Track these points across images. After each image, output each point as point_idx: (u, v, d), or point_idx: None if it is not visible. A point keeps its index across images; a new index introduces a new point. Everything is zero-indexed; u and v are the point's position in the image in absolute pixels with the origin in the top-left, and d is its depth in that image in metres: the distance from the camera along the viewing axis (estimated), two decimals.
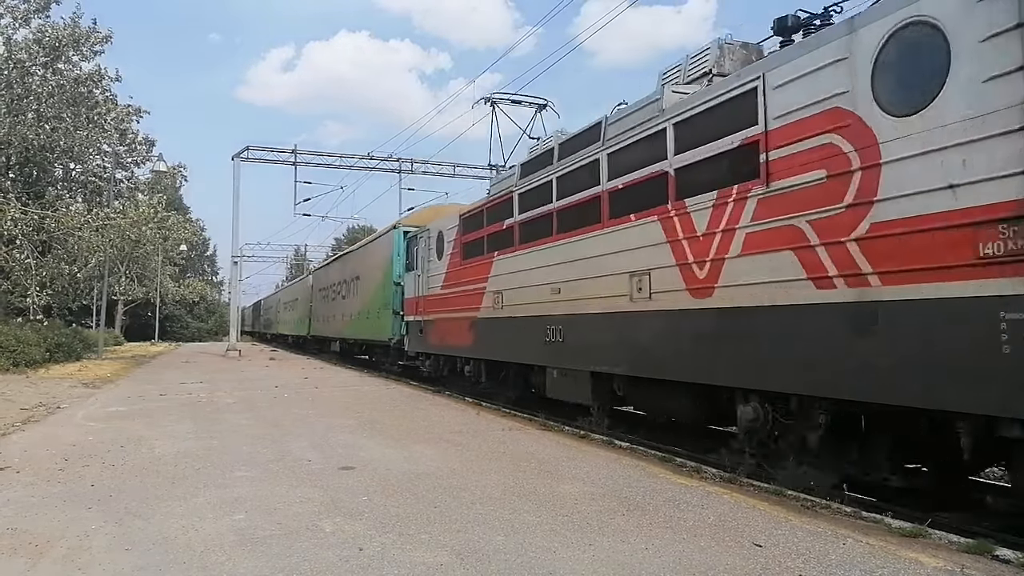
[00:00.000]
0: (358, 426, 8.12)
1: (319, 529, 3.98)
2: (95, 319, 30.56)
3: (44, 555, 3.57)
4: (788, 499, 4.84)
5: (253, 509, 4.40)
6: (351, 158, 27.25)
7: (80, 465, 5.75)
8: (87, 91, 21.33)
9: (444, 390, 12.78)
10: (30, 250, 19.21)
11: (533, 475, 5.45)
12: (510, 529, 3.99)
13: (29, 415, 9.01)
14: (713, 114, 6.04)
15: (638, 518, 4.24)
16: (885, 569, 3.37)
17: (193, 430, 7.74)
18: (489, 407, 10.27)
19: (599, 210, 7.74)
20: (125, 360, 23.68)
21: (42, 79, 20.24)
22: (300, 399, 11.16)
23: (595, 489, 4.98)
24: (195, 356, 27.24)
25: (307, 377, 16.04)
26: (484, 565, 3.40)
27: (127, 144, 23.81)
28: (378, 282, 17.88)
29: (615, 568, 3.38)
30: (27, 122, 19.82)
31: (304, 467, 5.73)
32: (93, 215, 20.02)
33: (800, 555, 3.57)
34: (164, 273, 41.40)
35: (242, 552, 3.59)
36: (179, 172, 25.68)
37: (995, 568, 3.46)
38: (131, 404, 10.35)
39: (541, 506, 4.49)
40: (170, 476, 5.38)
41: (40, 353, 18.18)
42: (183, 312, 64.04)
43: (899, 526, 4.13)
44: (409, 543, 3.74)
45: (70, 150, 21.28)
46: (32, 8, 20.43)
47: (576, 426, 8.31)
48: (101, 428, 7.87)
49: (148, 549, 3.65)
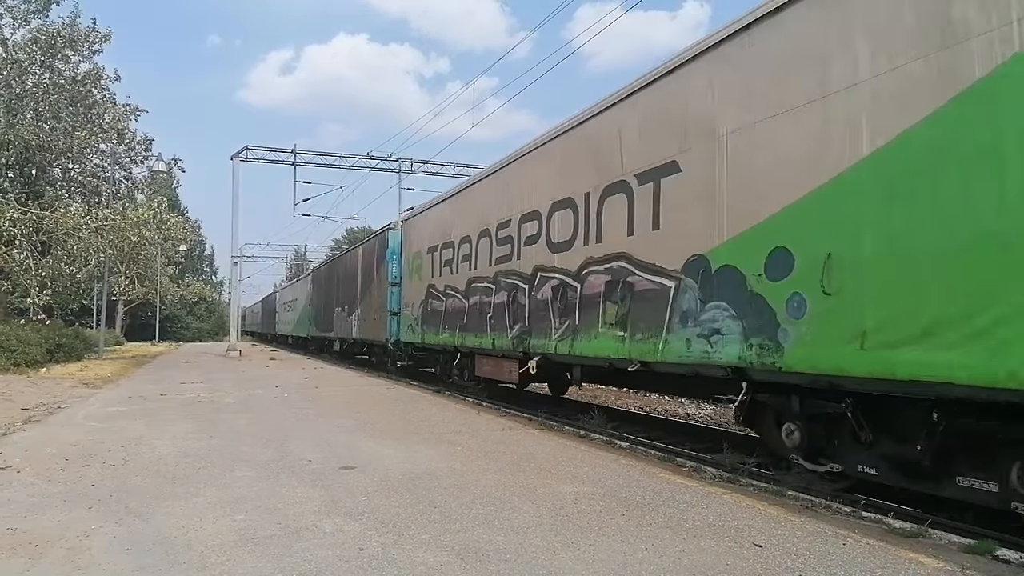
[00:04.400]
0: (358, 426, 8.12)
1: (319, 529, 3.98)
2: (95, 319, 30.58)
3: (44, 555, 3.57)
4: (788, 499, 4.85)
5: (253, 509, 4.40)
6: (350, 158, 27.33)
7: (80, 465, 5.75)
8: (85, 90, 21.32)
9: (444, 390, 12.79)
10: (29, 251, 19.20)
11: (533, 475, 5.46)
12: (510, 529, 3.99)
13: (30, 415, 9.01)
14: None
15: (638, 518, 4.24)
16: (885, 569, 3.37)
17: (194, 430, 7.73)
18: (489, 407, 10.27)
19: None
20: (126, 360, 23.68)
21: (40, 78, 20.23)
22: (300, 399, 11.16)
23: (595, 489, 4.98)
24: (195, 356, 27.25)
25: (307, 377, 16.04)
26: (484, 565, 3.40)
27: (125, 143, 23.81)
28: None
29: (615, 568, 3.38)
30: (25, 122, 19.82)
31: (304, 467, 5.73)
32: (92, 216, 20.02)
33: (800, 555, 3.57)
34: (164, 274, 41.39)
35: (242, 552, 3.59)
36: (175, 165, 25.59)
37: (995, 568, 3.46)
38: (132, 404, 10.35)
39: (541, 506, 4.49)
40: (170, 476, 5.38)
41: (41, 353, 18.18)
42: (183, 312, 64.11)
43: (899, 526, 4.13)
44: (409, 543, 3.74)
45: (68, 150, 21.26)
46: (32, 8, 20.44)
47: (576, 426, 8.32)
48: (102, 428, 7.87)
49: (148, 549, 3.65)
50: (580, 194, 7.97)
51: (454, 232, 12.35)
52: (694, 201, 6.07)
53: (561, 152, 8.61)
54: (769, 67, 5.34)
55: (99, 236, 20.10)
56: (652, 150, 6.71)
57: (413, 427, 8.04)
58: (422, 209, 14.69)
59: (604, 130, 7.61)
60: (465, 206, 12.06)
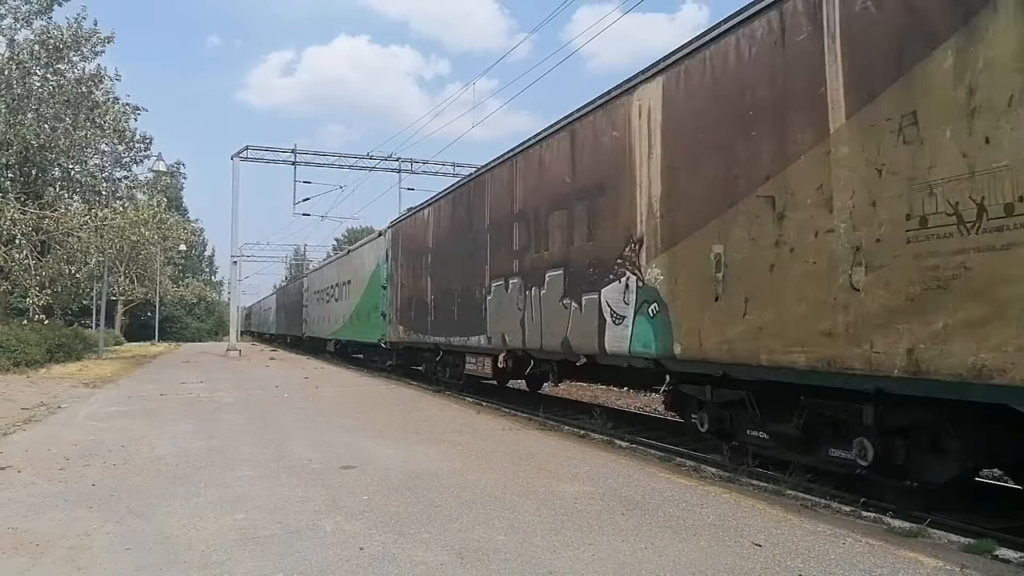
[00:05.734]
0: (358, 425, 8.12)
1: (320, 528, 3.99)
2: (95, 319, 30.56)
3: (45, 555, 3.58)
4: (788, 499, 4.85)
5: (254, 508, 4.41)
6: (351, 158, 27.33)
7: (81, 464, 5.76)
8: (87, 91, 21.33)
9: (444, 390, 12.80)
10: (29, 250, 19.20)
11: (533, 474, 5.46)
12: (510, 528, 4.00)
13: (30, 415, 9.01)
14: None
15: (638, 518, 4.25)
16: (885, 569, 3.37)
17: (194, 429, 7.74)
18: (489, 406, 10.28)
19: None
20: (125, 360, 23.69)
21: (43, 79, 20.23)
22: (301, 398, 11.17)
23: (595, 489, 4.99)
24: (195, 356, 27.24)
25: (307, 377, 16.05)
26: (484, 564, 3.41)
27: (125, 143, 23.81)
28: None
29: (615, 568, 3.38)
30: (26, 122, 19.82)
31: (305, 466, 5.73)
32: (92, 215, 20.02)
33: (800, 555, 3.57)
34: (164, 274, 41.39)
35: (243, 551, 3.60)
36: (178, 170, 25.66)
37: (995, 568, 3.47)
38: (132, 404, 10.35)
39: (541, 505, 4.50)
40: (171, 475, 5.39)
41: (41, 353, 18.18)
42: (183, 312, 64.10)
43: (899, 526, 4.14)
44: (410, 542, 3.74)
45: (69, 150, 21.27)
46: (34, 9, 20.44)
47: (576, 425, 8.33)
48: (102, 428, 7.88)
49: (149, 549, 3.66)
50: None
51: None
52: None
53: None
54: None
55: (99, 236, 20.11)
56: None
57: (413, 427, 8.05)
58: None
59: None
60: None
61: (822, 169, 4.60)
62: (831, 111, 4.57)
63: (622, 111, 6.98)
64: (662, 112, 6.38)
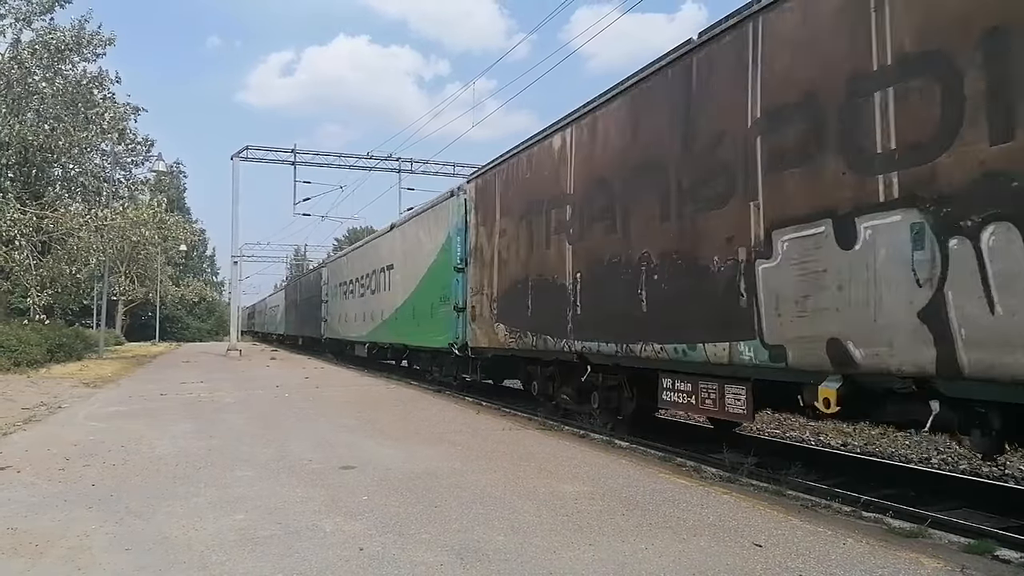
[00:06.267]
0: (358, 426, 8.12)
1: (320, 529, 3.99)
2: (95, 319, 30.58)
3: (44, 555, 3.57)
4: (788, 499, 4.85)
5: (254, 509, 4.41)
6: (350, 158, 27.28)
7: (81, 465, 5.76)
8: (87, 91, 21.33)
9: (444, 390, 12.80)
10: (29, 250, 19.21)
11: (533, 475, 5.46)
12: (510, 529, 3.99)
13: (30, 415, 9.01)
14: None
15: (638, 518, 4.24)
16: (885, 569, 3.37)
17: (194, 430, 7.74)
18: (489, 407, 10.28)
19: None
20: (126, 360, 23.69)
21: (43, 79, 20.23)
22: (301, 399, 11.17)
23: (595, 489, 4.99)
24: (196, 356, 27.25)
25: (308, 377, 16.05)
26: (484, 565, 3.40)
27: (126, 144, 23.82)
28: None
29: (615, 568, 3.38)
30: (27, 122, 19.82)
31: (305, 467, 5.73)
32: (92, 216, 20.03)
33: (800, 555, 3.57)
34: (164, 274, 41.41)
35: (242, 552, 3.59)
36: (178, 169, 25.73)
37: (995, 568, 3.46)
38: (132, 404, 10.35)
39: (541, 506, 4.49)
40: (171, 476, 5.39)
41: (41, 353, 18.20)
42: (183, 312, 64.10)
43: (899, 526, 4.13)
44: (409, 543, 3.74)
45: (69, 150, 21.28)
46: (35, 10, 20.43)
47: (576, 426, 8.32)
48: (102, 428, 7.88)
49: (148, 549, 3.65)
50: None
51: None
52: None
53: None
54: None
55: (99, 236, 20.11)
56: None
57: (413, 427, 8.05)
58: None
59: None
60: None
61: None
62: None
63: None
64: None
